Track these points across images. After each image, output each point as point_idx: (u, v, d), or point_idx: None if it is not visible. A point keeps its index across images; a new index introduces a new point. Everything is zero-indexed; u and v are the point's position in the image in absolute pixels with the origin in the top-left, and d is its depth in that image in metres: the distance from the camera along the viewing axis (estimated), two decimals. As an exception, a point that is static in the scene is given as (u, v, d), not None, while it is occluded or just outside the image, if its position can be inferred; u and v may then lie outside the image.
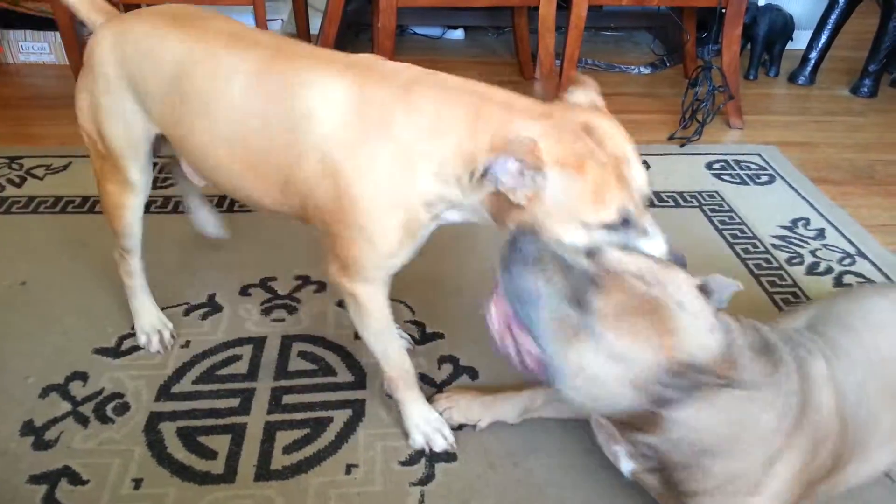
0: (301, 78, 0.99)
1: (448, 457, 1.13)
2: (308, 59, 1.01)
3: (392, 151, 0.95)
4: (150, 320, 1.33)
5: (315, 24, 2.74)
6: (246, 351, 1.31)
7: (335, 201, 0.98)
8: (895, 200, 1.94)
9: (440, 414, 1.17)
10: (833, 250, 1.68)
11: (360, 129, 0.96)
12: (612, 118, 0.93)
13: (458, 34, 3.13)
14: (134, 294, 1.33)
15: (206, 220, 1.51)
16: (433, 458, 1.13)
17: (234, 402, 1.21)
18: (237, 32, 1.07)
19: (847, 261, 1.64)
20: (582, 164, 0.86)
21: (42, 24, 2.55)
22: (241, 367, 1.28)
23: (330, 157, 0.97)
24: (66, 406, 1.19)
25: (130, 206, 1.23)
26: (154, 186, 1.32)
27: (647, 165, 1.97)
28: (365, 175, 0.96)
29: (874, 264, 1.63)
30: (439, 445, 1.14)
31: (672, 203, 1.85)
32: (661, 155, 2.11)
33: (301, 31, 2.54)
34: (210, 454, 1.12)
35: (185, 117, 1.07)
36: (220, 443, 1.14)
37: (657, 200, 1.85)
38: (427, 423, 1.15)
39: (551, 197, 0.87)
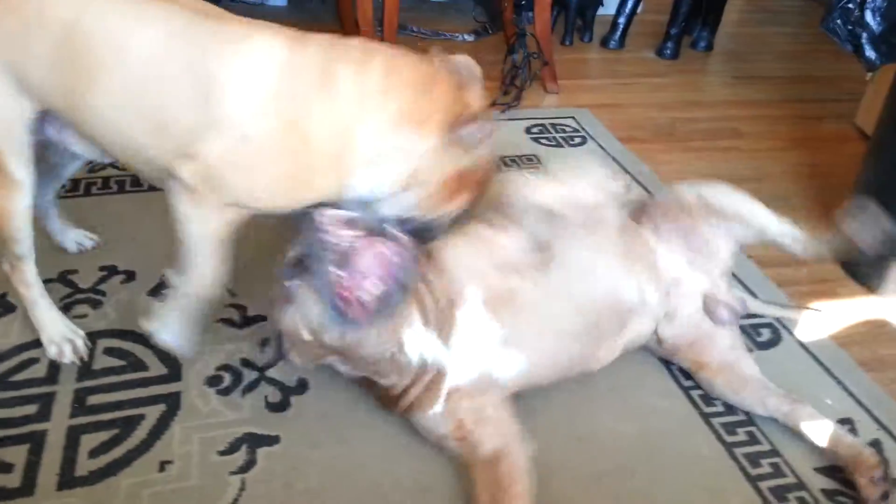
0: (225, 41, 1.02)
1: (270, 440, 1.11)
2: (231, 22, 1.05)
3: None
4: (58, 329, 1.21)
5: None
6: (44, 353, 1.21)
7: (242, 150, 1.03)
8: (693, 155, 2.12)
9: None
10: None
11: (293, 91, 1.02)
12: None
13: (281, 1, 3.01)
14: (35, 304, 1.20)
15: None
16: (254, 443, 1.10)
17: (31, 409, 1.12)
18: None
19: (650, 214, 1.77)
20: None
21: None
22: (39, 370, 1.18)
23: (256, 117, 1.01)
24: None
25: (17, 207, 1.11)
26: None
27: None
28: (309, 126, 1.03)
29: (673, 215, 1.77)
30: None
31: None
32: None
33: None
34: (4, 467, 1.03)
35: (80, 81, 1.02)
36: (17, 454, 1.05)
37: (479, 166, 1.90)
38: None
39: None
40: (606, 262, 1.19)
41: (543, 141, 2.08)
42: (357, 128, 1.04)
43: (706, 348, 1.26)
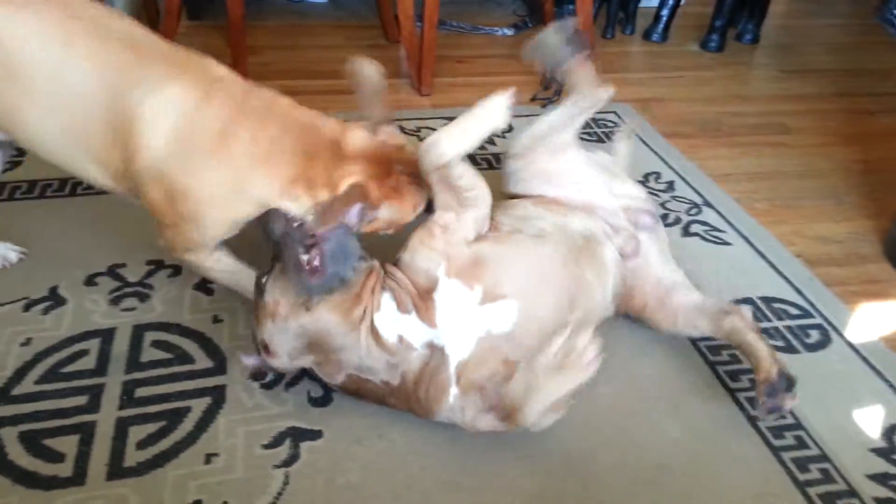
0: (142, 79, 1.04)
1: (313, 435, 1.12)
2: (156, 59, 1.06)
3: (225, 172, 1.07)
4: None
5: (163, -11, 2.57)
6: (94, 345, 1.24)
7: (166, 198, 1.07)
8: (739, 150, 2.07)
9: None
10: (681, 201, 1.77)
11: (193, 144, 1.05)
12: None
13: (321, -3, 3.04)
14: None
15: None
16: (297, 437, 1.11)
17: (81, 400, 1.14)
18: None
19: (694, 210, 1.74)
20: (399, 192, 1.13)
21: None
22: (89, 362, 1.21)
23: (162, 165, 1.05)
24: None
25: None
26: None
27: (510, 128, 2.03)
28: (199, 186, 1.07)
29: (718, 212, 1.74)
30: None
31: (534, 163, 1.89)
32: (525, 116, 2.13)
33: (147, -3, 2.38)
34: (57, 457, 1.06)
35: (14, 102, 1.05)
36: (68, 444, 1.08)
37: (519, 161, 1.89)
38: None
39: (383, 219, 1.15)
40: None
41: (584, 136, 2.05)
42: (243, 189, 1.08)
43: (640, 287, 1.30)
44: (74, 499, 1.00)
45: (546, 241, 1.16)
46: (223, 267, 1.21)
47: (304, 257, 1.05)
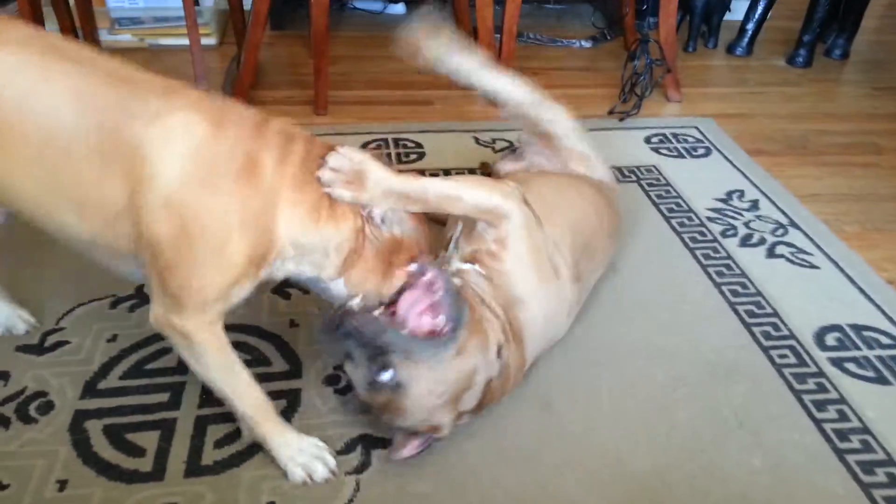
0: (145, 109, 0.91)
1: (385, 443, 1.12)
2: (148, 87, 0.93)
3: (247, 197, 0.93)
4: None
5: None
6: (176, 343, 1.28)
7: (180, 231, 0.91)
8: (826, 170, 1.99)
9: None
10: (766, 221, 1.71)
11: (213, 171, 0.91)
12: None
13: (400, 8, 3.07)
14: None
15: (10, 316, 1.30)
16: (369, 444, 1.12)
17: (163, 397, 1.18)
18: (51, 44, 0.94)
19: (779, 231, 1.67)
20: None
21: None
22: (171, 360, 1.24)
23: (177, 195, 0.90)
24: (-14, 408, 1.15)
25: None
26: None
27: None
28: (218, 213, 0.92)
29: (805, 234, 1.67)
30: (320, 474, 1.05)
31: (611, 178, 1.86)
32: (602, 130, 2.11)
33: (234, 8, 2.45)
34: (138, 451, 1.09)
35: None
36: (149, 440, 1.11)
37: (596, 176, 1.86)
38: (302, 453, 1.06)
39: None
40: None
41: (664, 151, 2.01)
42: (277, 218, 0.96)
43: None
44: (154, 493, 1.03)
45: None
46: (220, 347, 1.02)
47: (428, 322, 1.02)
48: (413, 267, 1.06)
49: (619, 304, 1.42)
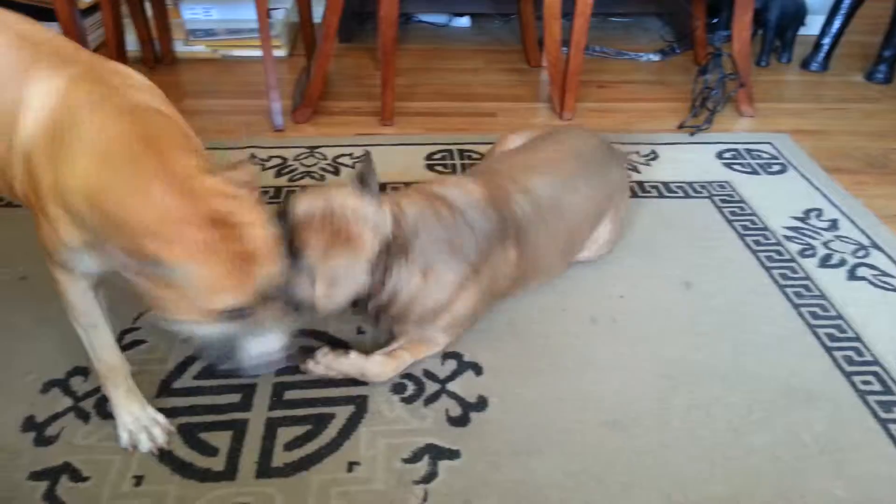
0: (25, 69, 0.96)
1: (451, 454, 1.11)
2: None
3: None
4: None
5: (318, 13, 2.71)
6: (248, 346, 1.30)
7: (28, 186, 0.96)
8: (910, 190, 1.91)
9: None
10: (846, 242, 1.65)
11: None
12: (258, 207, 0.91)
13: (465, 21, 3.09)
14: None
15: None
16: (436, 455, 1.11)
17: (235, 398, 1.20)
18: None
19: (861, 252, 1.61)
20: (201, 255, 0.85)
21: (41, 14, 2.52)
22: (243, 362, 1.27)
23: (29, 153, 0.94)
24: (68, 402, 1.18)
25: None
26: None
27: (654, 155, 1.96)
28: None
29: (889, 256, 1.60)
30: (143, 446, 1.11)
31: (682, 194, 1.82)
32: (671, 144, 2.07)
33: (304, 21, 2.50)
34: (211, 451, 1.11)
35: None
36: (222, 439, 1.13)
37: (666, 191, 1.82)
38: (135, 422, 1.12)
39: (173, 284, 0.86)
40: None
41: (737, 167, 1.96)
42: None
43: None
44: (226, 493, 1.04)
45: None
46: (78, 299, 1.05)
47: None
48: None
49: (693, 322, 1.39)
